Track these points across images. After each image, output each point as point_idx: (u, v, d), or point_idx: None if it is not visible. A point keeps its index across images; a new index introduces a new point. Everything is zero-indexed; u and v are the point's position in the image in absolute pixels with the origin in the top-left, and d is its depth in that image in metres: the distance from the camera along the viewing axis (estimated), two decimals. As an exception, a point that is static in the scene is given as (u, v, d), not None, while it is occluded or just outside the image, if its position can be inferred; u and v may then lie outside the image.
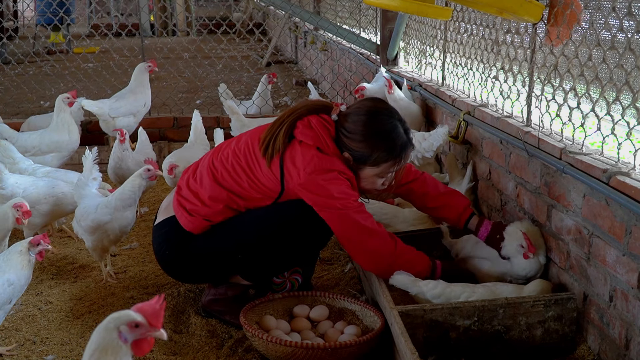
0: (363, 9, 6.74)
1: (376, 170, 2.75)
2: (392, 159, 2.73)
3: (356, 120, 2.73)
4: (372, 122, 2.72)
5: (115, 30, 7.45)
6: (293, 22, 10.60)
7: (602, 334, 2.52)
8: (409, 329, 2.39)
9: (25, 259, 2.65)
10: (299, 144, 2.71)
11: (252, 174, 2.77)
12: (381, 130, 2.71)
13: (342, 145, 2.74)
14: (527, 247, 2.83)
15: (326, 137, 2.71)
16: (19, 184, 3.51)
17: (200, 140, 4.56)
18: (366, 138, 2.70)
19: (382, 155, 2.70)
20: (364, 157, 2.71)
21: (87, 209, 3.29)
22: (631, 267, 2.30)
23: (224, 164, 2.82)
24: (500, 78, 3.49)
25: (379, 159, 2.71)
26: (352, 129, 2.72)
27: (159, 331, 1.69)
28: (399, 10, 4.18)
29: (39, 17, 11.17)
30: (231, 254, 2.83)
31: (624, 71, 2.38)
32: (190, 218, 2.82)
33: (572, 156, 2.62)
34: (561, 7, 2.76)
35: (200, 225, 2.82)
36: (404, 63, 5.69)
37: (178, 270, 2.95)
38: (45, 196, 3.53)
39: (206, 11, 15.61)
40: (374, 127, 2.71)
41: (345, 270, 3.43)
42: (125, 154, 4.33)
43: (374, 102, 2.85)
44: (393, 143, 2.71)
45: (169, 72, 8.08)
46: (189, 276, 3.00)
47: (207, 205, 2.80)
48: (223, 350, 2.73)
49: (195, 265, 2.88)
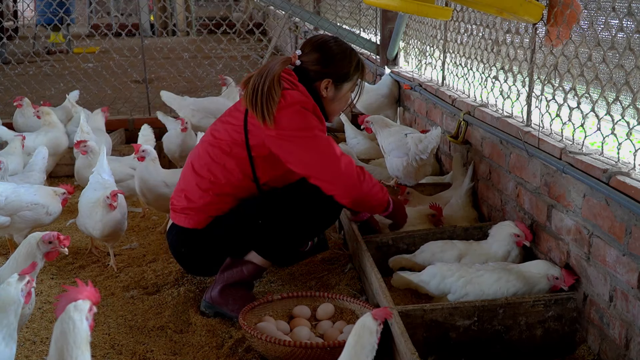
0: (363, 9, 6.74)
1: (351, 84, 3.11)
2: (360, 69, 3.12)
3: (319, 51, 3.05)
4: (331, 46, 3.07)
5: (115, 30, 7.45)
6: (293, 22, 10.59)
7: (602, 334, 2.52)
8: (409, 329, 2.39)
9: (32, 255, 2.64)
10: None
11: (218, 139, 3.00)
12: (342, 50, 3.09)
13: (317, 77, 3.03)
14: (523, 234, 2.93)
15: (294, 80, 3.00)
16: (0, 191, 3.46)
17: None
18: (338, 59, 3.05)
19: (354, 67, 3.09)
20: (344, 74, 3.06)
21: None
22: (631, 267, 2.30)
23: (198, 157, 3.06)
24: (500, 78, 3.49)
25: (353, 72, 3.09)
26: (320, 58, 3.03)
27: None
28: (399, 10, 4.19)
29: (39, 17, 11.18)
30: (251, 220, 2.95)
31: (623, 71, 2.38)
32: (183, 215, 3.00)
33: (572, 156, 2.62)
34: (561, 7, 2.76)
35: (201, 219, 2.97)
36: (404, 63, 5.69)
37: (198, 264, 3.11)
38: (28, 203, 3.49)
39: (206, 11, 15.59)
40: (336, 49, 3.07)
41: (345, 270, 3.43)
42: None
43: (319, 35, 3.24)
44: (356, 57, 3.12)
45: (169, 72, 8.07)
46: (208, 266, 3.12)
47: (194, 200, 2.98)
48: (223, 350, 2.72)
49: (212, 250, 3.02)
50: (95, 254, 3.64)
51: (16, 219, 3.47)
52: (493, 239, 3.06)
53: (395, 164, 3.80)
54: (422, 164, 3.75)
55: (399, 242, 3.30)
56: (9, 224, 3.45)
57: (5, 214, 3.44)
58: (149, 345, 2.75)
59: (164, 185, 3.75)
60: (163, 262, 3.57)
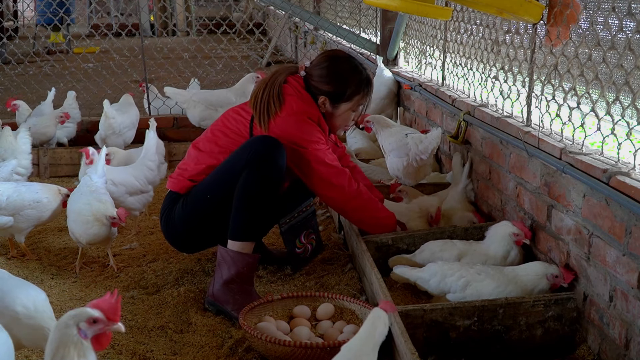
0: (363, 9, 6.74)
1: (349, 105, 3.18)
2: (361, 92, 3.17)
3: (323, 67, 3.16)
4: (336, 64, 3.18)
5: (115, 30, 7.45)
6: (293, 22, 10.60)
7: (602, 334, 2.52)
8: (409, 329, 2.39)
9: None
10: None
11: (228, 131, 3.16)
12: (347, 69, 3.16)
13: (317, 92, 3.14)
14: (522, 233, 2.94)
15: (301, 89, 3.13)
16: (1, 191, 3.46)
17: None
18: (336, 78, 3.13)
19: (352, 88, 3.14)
20: (340, 94, 3.14)
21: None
22: (631, 267, 2.30)
23: (204, 138, 3.23)
24: (500, 78, 3.49)
25: (352, 94, 3.15)
26: (322, 74, 3.14)
27: (117, 325, 1.76)
28: (399, 10, 4.19)
29: (39, 17, 11.17)
30: (205, 198, 3.07)
31: (623, 71, 2.38)
32: (174, 179, 3.19)
33: (572, 156, 2.62)
34: (560, 7, 2.76)
35: (184, 184, 3.15)
36: (404, 63, 5.69)
37: (177, 237, 3.22)
38: (30, 202, 3.50)
39: (206, 11, 15.58)
40: (340, 68, 3.16)
41: (345, 270, 3.43)
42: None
43: (332, 50, 3.36)
44: (360, 77, 3.17)
45: (169, 72, 8.07)
46: (189, 241, 3.23)
47: (190, 168, 3.15)
48: (223, 350, 2.72)
49: (188, 223, 3.13)
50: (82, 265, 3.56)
51: (19, 218, 3.47)
52: (491, 240, 3.05)
53: (396, 164, 3.81)
54: (422, 165, 3.75)
55: (399, 242, 3.30)
56: (12, 224, 3.46)
57: (7, 214, 3.44)
58: (149, 345, 2.75)
59: (111, 183, 3.74)
60: (163, 262, 3.57)
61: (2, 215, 3.43)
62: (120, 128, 5.15)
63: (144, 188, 3.96)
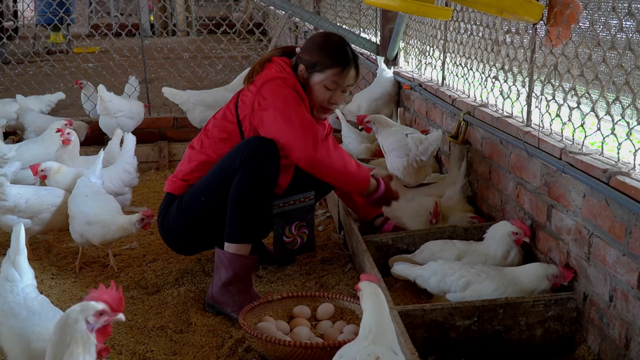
0: (363, 9, 6.74)
1: (323, 77, 3.13)
2: (335, 66, 3.12)
3: (308, 39, 3.28)
4: (322, 38, 3.26)
5: (115, 30, 7.44)
6: (293, 22, 10.59)
7: (602, 334, 2.52)
8: (409, 329, 2.39)
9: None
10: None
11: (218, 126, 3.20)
12: (329, 43, 3.19)
13: (298, 61, 3.19)
14: (521, 231, 2.94)
15: (285, 65, 3.17)
16: (21, 194, 3.50)
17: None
18: (315, 48, 3.17)
19: (327, 61, 3.12)
20: (314, 63, 3.14)
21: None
22: (631, 267, 2.30)
23: (197, 138, 3.28)
24: (500, 78, 3.49)
25: (324, 65, 3.12)
26: (305, 45, 3.22)
27: (120, 315, 1.83)
28: (399, 10, 4.19)
29: (39, 17, 11.17)
30: (200, 200, 3.09)
31: (623, 71, 2.38)
32: (169, 181, 3.24)
33: (572, 156, 2.62)
34: (560, 7, 2.76)
35: (178, 185, 3.19)
36: (404, 63, 5.69)
37: (173, 238, 3.24)
38: (49, 205, 3.54)
39: (206, 11, 15.57)
40: (323, 41, 3.21)
41: (345, 270, 3.43)
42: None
43: (327, 32, 3.51)
44: (337, 52, 3.15)
45: (169, 72, 8.07)
46: (185, 242, 3.25)
47: (184, 167, 3.20)
48: (223, 350, 2.73)
49: (183, 224, 3.15)
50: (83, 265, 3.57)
51: (36, 221, 3.52)
52: (490, 240, 3.05)
53: (396, 164, 3.80)
54: (422, 165, 3.75)
55: (398, 242, 3.30)
56: (29, 227, 3.47)
57: (25, 217, 3.47)
58: (149, 345, 2.75)
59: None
60: (163, 262, 3.57)
61: (21, 217, 3.46)
62: (115, 110, 5.22)
63: (118, 190, 3.99)
